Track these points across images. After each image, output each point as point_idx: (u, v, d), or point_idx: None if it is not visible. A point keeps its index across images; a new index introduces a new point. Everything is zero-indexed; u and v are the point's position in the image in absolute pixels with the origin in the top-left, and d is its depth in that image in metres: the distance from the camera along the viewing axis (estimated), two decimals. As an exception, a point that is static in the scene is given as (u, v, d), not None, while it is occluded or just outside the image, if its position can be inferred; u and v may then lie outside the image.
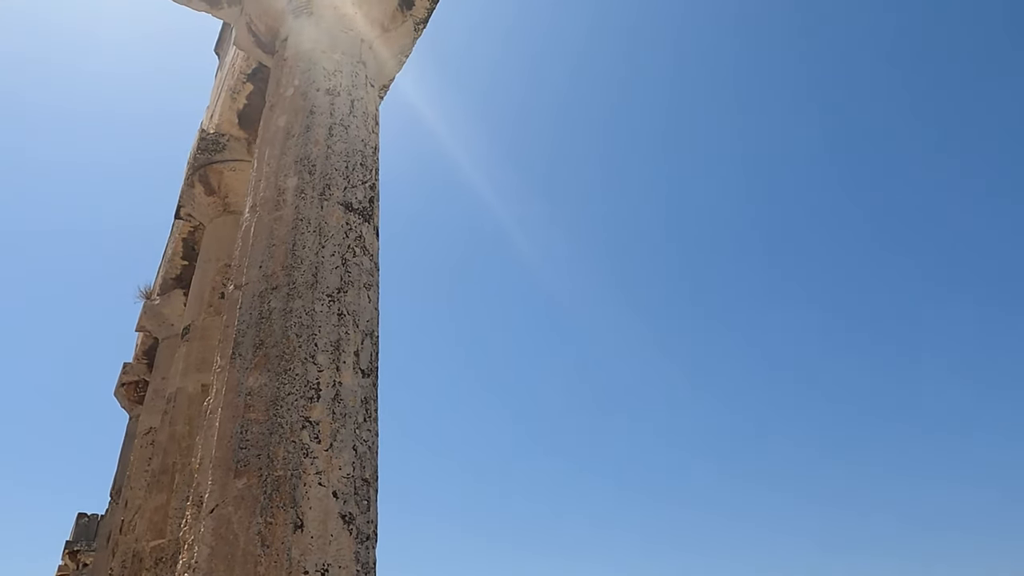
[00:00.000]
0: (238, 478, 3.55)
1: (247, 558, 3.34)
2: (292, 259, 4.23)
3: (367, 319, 4.34)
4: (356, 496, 3.72)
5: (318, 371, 3.90)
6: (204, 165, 7.28)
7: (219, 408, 3.86)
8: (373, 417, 4.12)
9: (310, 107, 4.91)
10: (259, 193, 4.64)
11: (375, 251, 4.72)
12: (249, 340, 3.99)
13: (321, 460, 3.66)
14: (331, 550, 3.46)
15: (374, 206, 4.85)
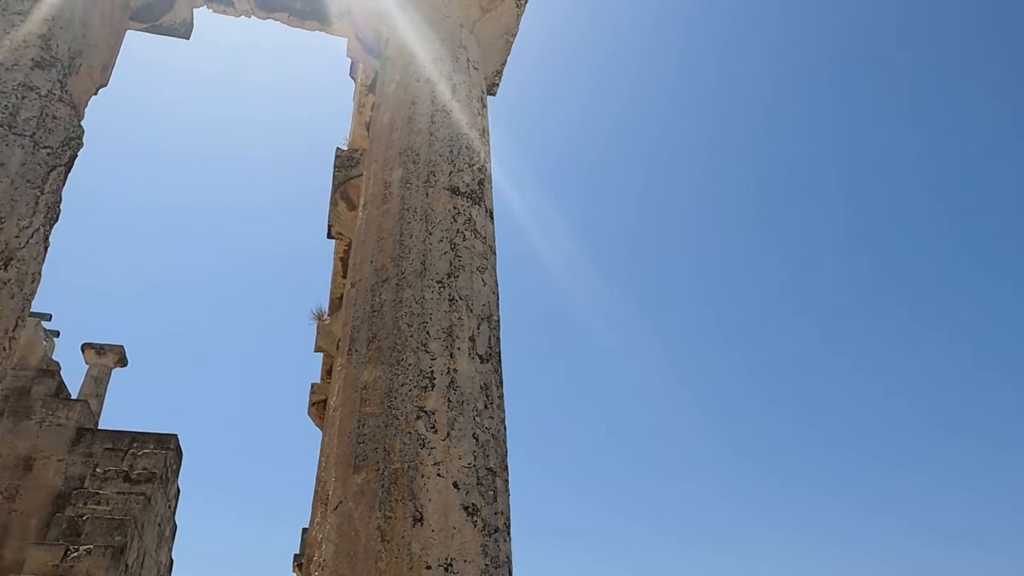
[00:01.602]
0: (357, 473, 3.46)
1: (368, 554, 3.22)
2: (400, 249, 4.13)
3: (483, 303, 4.14)
4: (480, 487, 3.50)
5: (431, 359, 3.74)
6: (343, 182, 7.53)
7: (339, 405, 3.82)
8: (496, 404, 3.89)
9: (411, 99, 4.83)
10: (368, 190, 4.61)
11: (488, 233, 4.52)
12: (363, 334, 3.93)
13: (439, 450, 3.48)
14: (454, 544, 3.26)
15: (484, 188, 4.66)
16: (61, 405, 11.12)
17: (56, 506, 9.74)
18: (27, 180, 3.93)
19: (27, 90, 4.11)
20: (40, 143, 4.06)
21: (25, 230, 3.87)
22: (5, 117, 3.96)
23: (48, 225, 4.10)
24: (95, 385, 14.90)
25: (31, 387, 11.27)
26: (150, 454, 10.54)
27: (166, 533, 11.35)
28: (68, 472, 10.34)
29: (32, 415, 10.86)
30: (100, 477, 9.88)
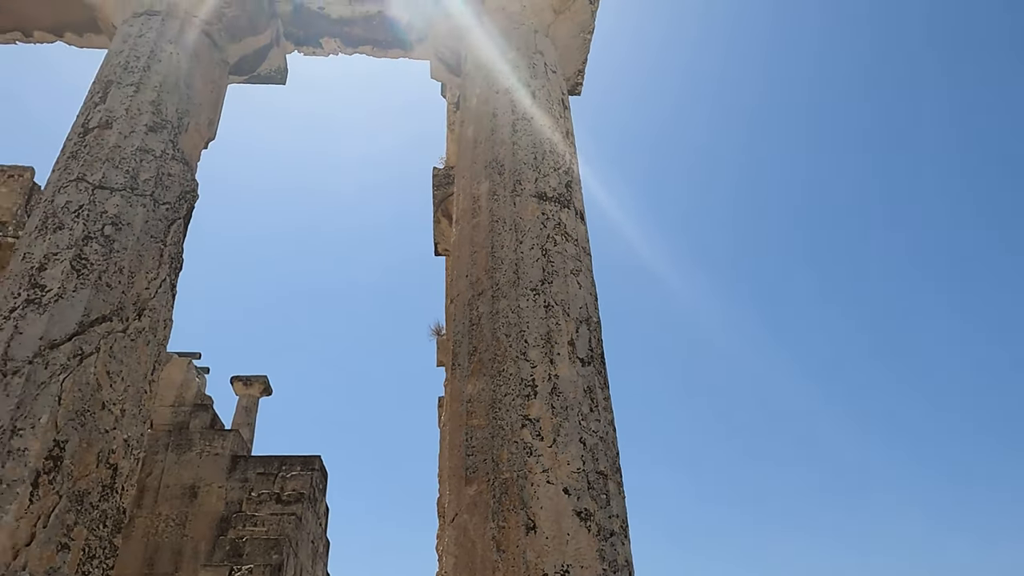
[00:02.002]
0: (468, 485, 3.53)
1: (485, 564, 3.27)
2: (493, 261, 4.18)
3: (579, 306, 4.11)
4: (591, 491, 3.48)
5: (531, 367, 3.76)
6: (442, 200, 7.73)
7: (448, 419, 3.90)
8: (602, 406, 3.85)
9: (491, 111, 4.88)
10: (459, 206, 4.70)
11: (580, 235, 4.50)
12: (464, 348, 4.00)
13: (546, 457, 3.49)
14: (569, 550, 3.25)
15: (571, 190, 4.64)
16: (216, 436, 12.00)
17: (220, 529, 10.52)
18: (151, 236, 4.28)
19: (144, 153, 4.48)
20: (159, 200, 4.42)
21: (153, 281, 4.22)
22: (128, 180, 4.34)
23: (173, 274, 4.45)
24: (245, 415, 16.01)
25: (189, 421, 12.25)
26: (297, 476, 11.19)
27: (320, 550, 11.99)
28: (228, 497, 11.15)
29: (192, 447, 11.78)
30: (255, 500, 10.59)
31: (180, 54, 5.03)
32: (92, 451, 3.54)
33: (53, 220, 4.10)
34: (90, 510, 3.44)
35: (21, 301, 3.76)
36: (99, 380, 3.70)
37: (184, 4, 5.24)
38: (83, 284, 3.85)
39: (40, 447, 3.36)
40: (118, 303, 3.95)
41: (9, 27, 5.99)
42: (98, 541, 3.44)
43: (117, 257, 4.05)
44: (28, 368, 3.54)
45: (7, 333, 3.66)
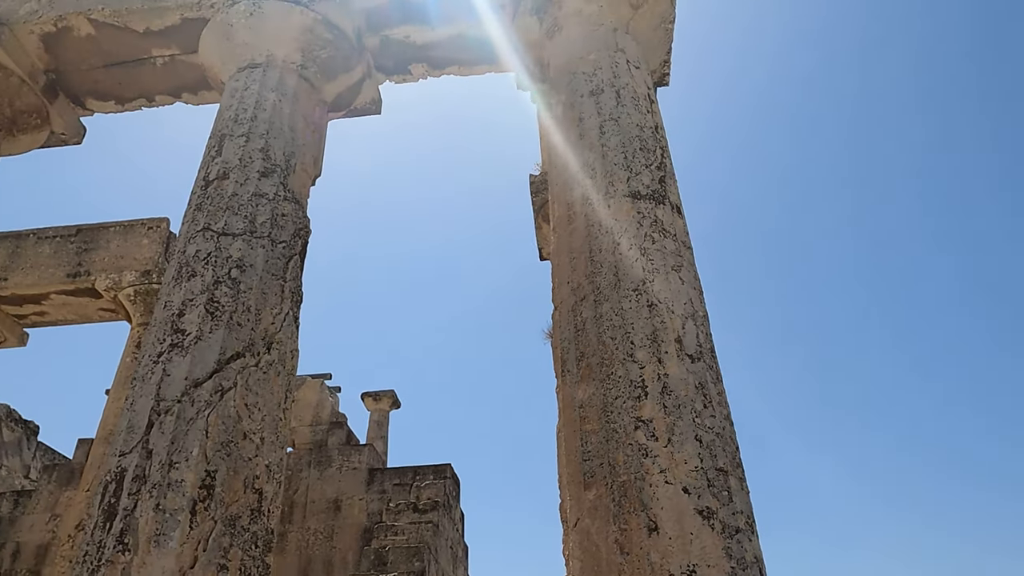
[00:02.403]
0: (588, 490, 3.58)
1: (610, 568, 3.31)
2: (591, 266, 4.22)
3: (683, 302, 4.08)
4: (712, 488, 3.44)
5: (640, 368, 3.76)
6: (541, 205, 7.81)
7: (563, 426, 3.97)
8: (716, 401, 3.80)
9: (578, 116, 4.91)
10: (555, 214, 4.77)
11: (678, 229, 4.45)
12: (572, 355, 4.05)
13: (663, 458, 3.49)
14: (694, 549, 3.24)
15: (665, 185, 4.60)
16: (353, 451, 12.62)
17: (364, 540, 11.06)
18: (272, 274, 4.60)
19: (258, 198, 4.82)
20: (276, 240, 4.74)
21: (278, 316, 4.53)
22: (247, 224, 4.69)
23: (295, 308, 4.76)
24: (378, 428, 16.73)
25: (327, 439, 12.95)
26: (431, 484, 11.59)
27: (459, 555, 12.35)
28: (368, 509, 11.70)
29: (332, 463, 12.44)
30: (393, 511, 11.06)
31: (282, 100, 5.37)
32: (239, 478, 3.85)
33: (187, 268, 4.48)
34: (242, 532, 3.74)
35: (166, 346, 4.15)
36: (239, 412, 4.02)
37: (281, 53, 5.59)
38: (217, 325, 4.20)
39: (194, 478, 3.69)
40: (249, 339, 4.27)
41: (134, 96, 6.59)
42: (252, 561, 3.74)
43: (244, 297, 4.38)
44: (177, 406, 3.90)
45: (158, 376, 4.04)
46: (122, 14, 5.97)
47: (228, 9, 5.71)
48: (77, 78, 6.45)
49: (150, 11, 5.95)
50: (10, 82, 6.13)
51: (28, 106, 6.31)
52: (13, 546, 11.97)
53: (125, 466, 3.76)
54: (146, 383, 4.04)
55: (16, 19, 6.05)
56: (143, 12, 5.96)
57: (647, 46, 5.65)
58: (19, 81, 6.17)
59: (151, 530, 3.50)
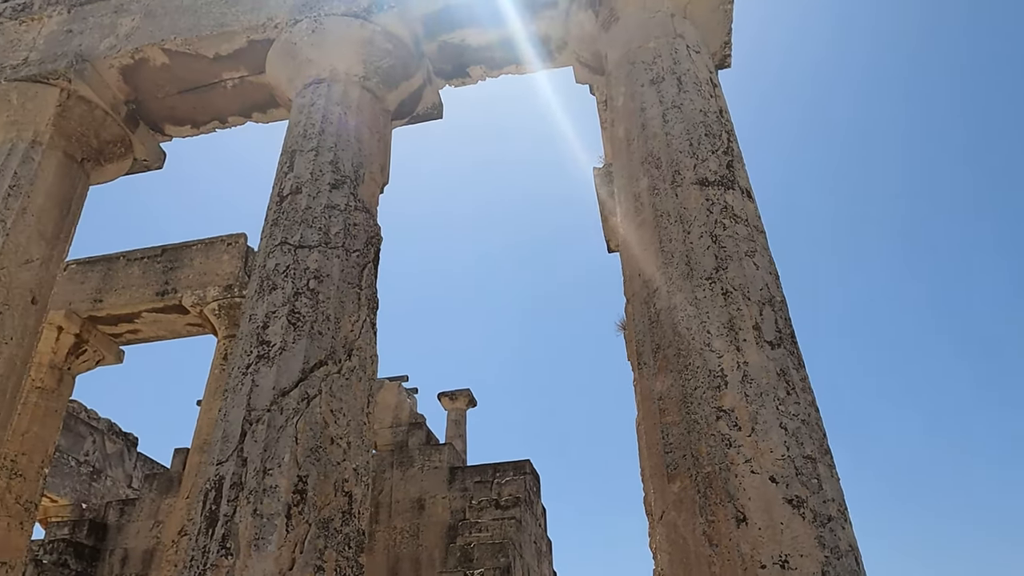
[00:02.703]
0: (671, 482, 3.55)
1: (700, 560, 3.28)
2: (662, 256, 4.18)
3: (759, 287, 4.00)
4: (800, 477, 3.37)
5: (718, 357, 3.72)
6: (607, 197, 7.76)
7: (642, 419, 3.95)
8: (800, 388, 3.72)
9: (639, 106, 4.87)
10: (621, 206, 4.74)
11: (749, 214, 4.37)
12: (647, 347, 4.03)
13: (747, 447, 3.43)
14: (785, 539, 3.18)
15: (733, 169, 4.51)
16: (433, 450, 12.83)
17: (448, 537, 11.24)
18: (348, 282, 4.73)
19: (331, 209, 4.96)
20: (350, 249, 4.87)
21: (356, 323, 4.65)
22: (321, 236, 4.83)
23: (372, 314, 4.88)
24: (455, 427, 16.97)
25: (407, 440, 13.20)
26: (511, 481, 11.68)
27: (543, 549, 12.41)
28: (451, 507, 11.88)
29: (414, 463, 12.68)
30: (476, 508, 11.20)
31: (347, 113, 5.51)
32: (329, 482, 3.98)
33: (268, 282, 4.65)
34: (335, 534, 3.87)
35: (253, 358, 4.32)
36: (325, 418, 4.15)
37: (343, 66, 5.73)
38: (299, 335, 4.35)
39: (287, 483, 3.83)
40: (330, 347, 4.41)
41: (208, 119, 6.87)
42: (346, 562, 3.86)
43: (323, 307, 4.52)
44: (267, 415, 4.06)
45: (247, 387, 4.22)
46: (193, 42, 6.23)
47: (291, 28, 5.89)
48: (155, 106, 6.76)
49: (218, 36, 6.19)
50: (95, 115, 6.47)
51: (112, 136, 6.65)
52: (121, 552, 12.66)
53: (223, 474, 3.93)
54: (237, 394, 4.21)
55: (97, 55, 6.39)
56: (212, 38, 6.20)
57: (706, 29, 5.55)
58: (103, 113, 6.51)
59: (250, 534, 3.66)
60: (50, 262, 5.94)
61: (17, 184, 5.90)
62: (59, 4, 6.95)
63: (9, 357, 5.38)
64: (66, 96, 6.31)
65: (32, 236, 5.80)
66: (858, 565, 3.27)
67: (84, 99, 6.39)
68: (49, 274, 5.94)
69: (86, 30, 6.62)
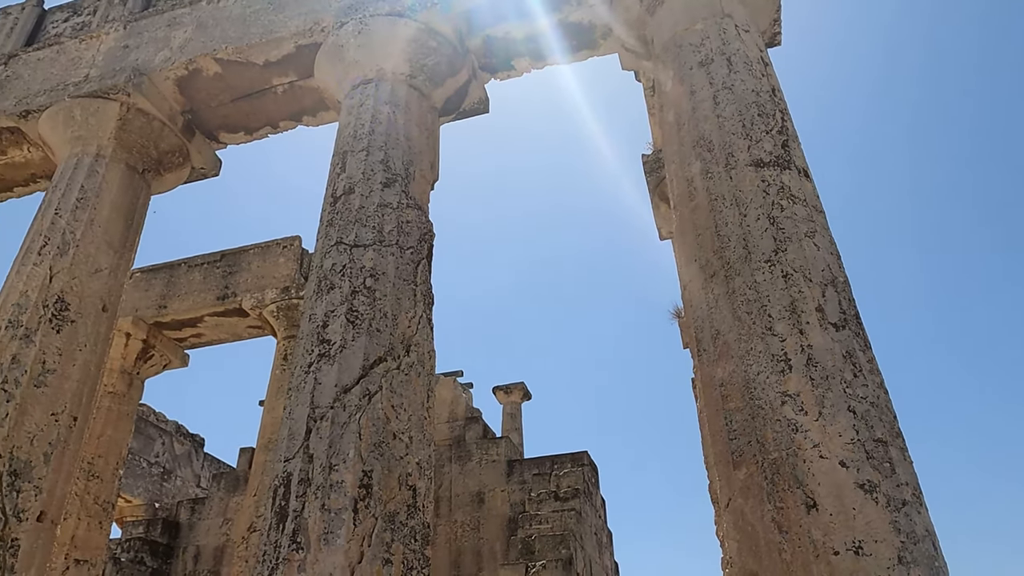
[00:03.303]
0: (737, 469, 3.50)
1: (769, 547, 3.23)
2: (719, 241, 4.11)
3: (820, 268, 3.90)
4: (872, 461, 3.29)
5: (780, 341, 3.64)
6: (657, 185, 7.67)
7: (704, 406, 3.90)
8: (867, 369, 3.62)
9: (688, 89, 4.80)
10: (674, 192, 4.68)
11: (807, 193, 4.26)
12: (706, 334, 3.97)
13: (814, 432, 3.36)
14: (857, 525, 3.11)
15: (789, 149, 4.41)
16: (490, 444, 12.91)
17: (509, 530, 11.30)
18: (403, 279, 4.79)
19: (383, 208, 5.02)
20: (404, 247, 4.92)
21: (413, 319, 4.70)
22: (375, 235, 4.89)
23: (428, 310, 4.92)
24: (511, 421, 17.02)
25: (464, 434, 13.30)
26: (569, 472, 11.67)
27: (603, 540, 12.38)
28: (511, 499, 11.94)
29: (472, 457, 12.77)
30: (535, 500, 11.23)
31: (395, 112, 5.56)
32: (393, 476, 4.04)
33: (325, 282, 4.73)
34: (401, 527, 3.92)
35: (315, 356, 4.40)
36: (387, 414, 4.21)
37: (390, 66, 5.78)
38: (358, 333, 4.41)
39: (353, 478, 3.90)
40: (388, 344, 4.46)
41: (260, 125, 7.02)
42: (412, 554, 3.92)
43: (380, 304, 4.58)
44: (331, 412, 4.14)
45: (310, 385, 4.30)
46: (243, 50, 6.37)
47: (337, 31, 5.97)
48: (209, 115, 6.94)
49: (267, 43, 6.31)
50: (153, 126, 6.67)
51: (170, 146, 6.85)
52: (194, 549, 13.09)
53: (290, 471, 4.02)
54: (301, 392, 4.30)
55: (152, 68, 6.59)
56: (261, 45, 6.33)
57: (754, 7, 5.42)
58: (161, 124, 6.71)
59: (320, 529, 3.74)
60: (118, 271, 6.16)
61: (84, 197, 6.13)
62: (115, 21, 7.19)
63: (84, 363, 5.60)
64: (126, 109, 6.52)
65: (100, 246, 6.02)
66: (936, 550, 3.17)
67: (142, 111, 6.59)
68: (117, 282, 6.15)
69: (141, 44, 6.83)
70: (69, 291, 5.69)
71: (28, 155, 7.26)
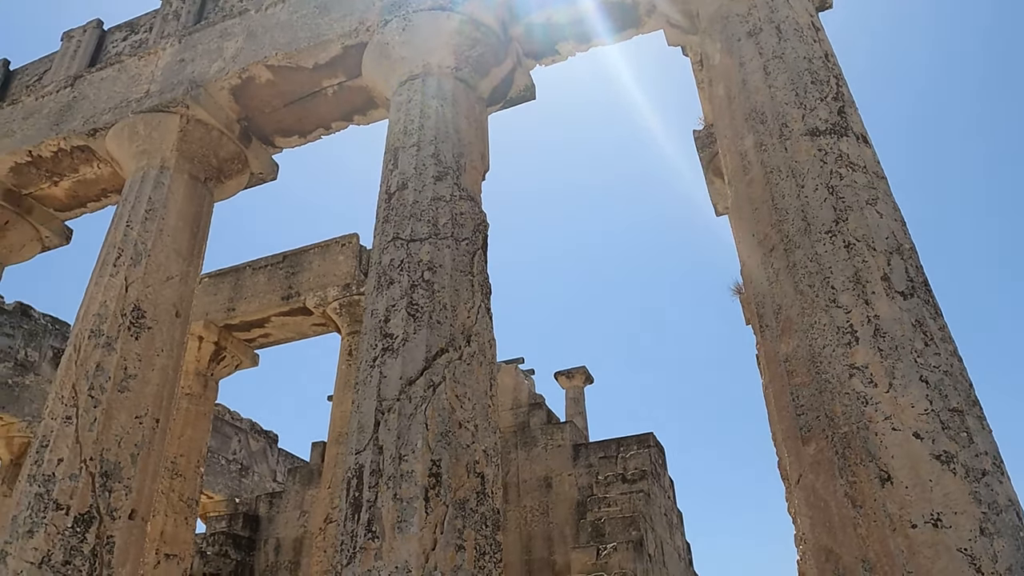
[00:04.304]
0: (806, 445, 3.45)
1: (844, 522, 3.18)
2: (776, 214, 4.04)
3: (885, 236, 3.80)
4: (947, 431, 3.20)
5: (845, 313, 3.57)
6: (710, 160, 7.55)
7: (769, 383, 3.85)
8: (939, 337, 3.52)
9: (737, 61, 4.71)
10: (728, 167, 4.61)
11: (867, 160, 4.14)
12: (768, 309, 3.92)
13: (885, 404, 3.29)
14: (935, 497, 3.04)
15: (845, 115, 4.29)
16: (555, 429, 12.97)
17: (578, 513, 11.36)
18: (460, 271, 4.85)
19: (437, 201, 5.09)
20: (459, 238, 4.98)
21: (472, 310, 4.77)
22: (430, 228, 4.97)
23: (486, 299, 4.98)
24: (574, 406, 17.05)
25: (528, 420, 13.39)
26: (636, 454, 11.65)
27: (674, 521, 12.33)
28: (578, 483, 11.99)
29: (537, 443, 12.86)
30: (603, 483, 11.25)
31: (443, 105, 5.61)
32: (461, 464, 4.12)
33: (385, 277, 4.83)
34: (471, 514, 4.00)
35: (379, 351, 4.51)
36: (451, 404, 4.29)
37: (435, 60, 5.83)
38: (420, 326, 4.50)
39: (422, 467, 4.00)
40: (449, 335, 4.54)
41: (313, 127, 7.18)
42: (484, 540, 3.99)
43: (439, 296, 4.65)
44: (397, 404, 4.24)
45: (376, 378, 4.41)
46: (292, 55, 6.52)
47: (382, 29, 6.05)
48: (263, 121, 7.13)
49: (315, 47, 6.44)
50: (212, 135, 6.90)
51: (229, 154, 7.07)
52: (274, 541, 13.56)
53: (362, 463, 4.14)
54: (367, 386, 4.42)
55: (208, 78, 6.80)
56: (309, 49, 6.46)
57: (803, -29, 5.27)
58: (219, 133, 6.93)
59: (393, 518, 3.85)
60: (188, 277, 6.40)
61: (152, 208, 6.38)
62: (171, 36, 7.43)
63: (162, 367, 5.86)
64: (185, 121, 6.76)
65: (170, 255, 6.27)
66: (1020, 520, 3.08)
67: (201, 122, 6.82)
68: (188, 288, 6.40)
69: (196, 57, 7.05)
70: (144, 299, 5.95)
71: (98, 171, 7.59)
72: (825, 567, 3.21)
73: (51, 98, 7.73)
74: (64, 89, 7.73)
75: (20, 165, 7.61)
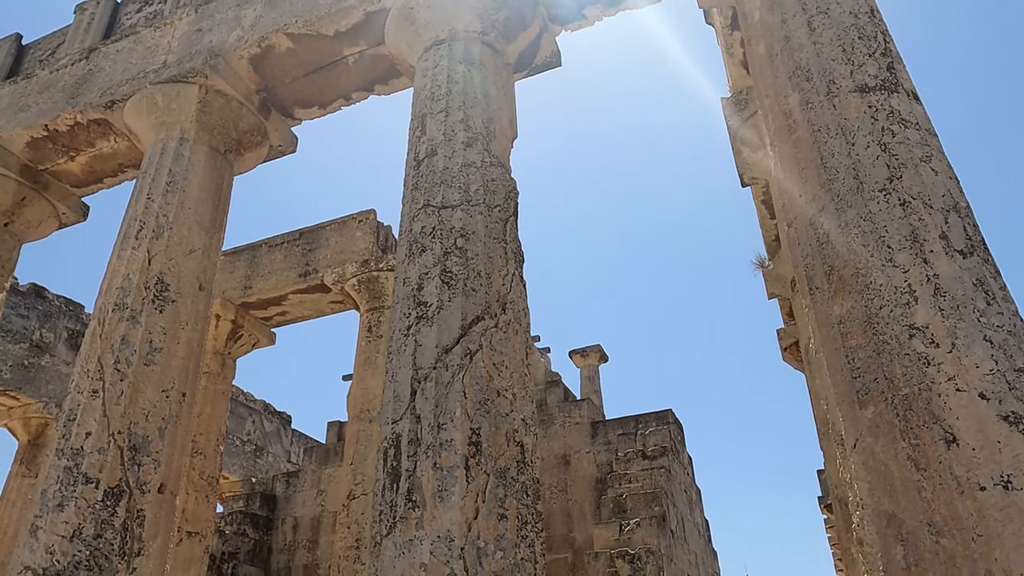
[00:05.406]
0: (864, 408, 3.34)
1: (907, 485, 3.08)
2: (826, 173, 3.90)
3: (940, 194, 3.67)
4: (1014, 391, 3.08)
5: (903, 272, 3.44)
6: (737, 128, 7.38)
7: (819, 346, 3.74)
8: (1000, 297, 3.39)
9: (780, 18, 4.55)
10: (770, 128, 4.47)
11: (918, 116, 4.00)
12: (818, 271, 3.79)
13: (948, 364, 3.17)
14: (1005, 458, 2.93)
15: (895, 71, 4.14)
16: (572, 407, 12.90)
17: (598, 490, 11.31)
18: (493, 238, 4.74)
19: (467, 167, 4.97)
20: (491, 205, 4.86)
21: (506, 277, 4.66)
22: (462, 195, 4.85)
23: (519, 267, 4.87)
24: (590, 384, 17.00)
25: (546, 398, 13.33)
26: (655, 431, 11.58)
27: (693, 497, 12.28)
28: (597, 460, 11.93)
29: (555, 420, 12.80)
30: (623, 460, 11.19)
31: (471, 70, 5.47)
32: (500, 433, 4.03)
33: (416, 245, 4.72)
34: (512, 483, 3.91)
35: (413, 319, 4.41)
36: (489, 372, 4.19)
37: (461, 24, 5.69)
38: (454, 293, 4.39)
39: (462, 436, 3.91)
40: (484, 303, 4.43)
41: (334, 98, 7.04)
42: (526, 509, 3.91)
43: (473, 263, 4.54)
44: (434, 373, 4.14)
45: (411, 347, 4.31)
46: (312, 22, 6.37)
47: (406, -7, 5.89)
48: (283, 91, 6.99)
49: (336, 13, 6.30)
50: (231, 106, 6.77)
51: (249, 125, 6.95)
52: (292, 520, 13.58)
53: (399, 432, 4.06)
54: (402, 355, 4.32)
55: (226, 48, 6.66)
56: (330, 16, 6.32)
57: (843, -74, 5.09)
58: (239, 104, 6.80)
59: (433, 487, 3.76)
60: (210, 250, 6.31)
61: (173, 180, 6.27)
62: (186, 6, 7.29)
63: (187, 341, 5.78)
64: (204, 92, 6.63)
65: (192, 227, 6.17)
66: (1092, 482, 2.96)
67: (220, 92, 6.69)
68: (210, 262, 6.31)
69: (214, 27, 6.91)
70: (167, 272, 5.86)
71: (115, 145, 7.48)
72: (887, 532, 3.11)
73: (66, 71, 7.61)
74: (79, 62, 7.60)
75: (36, 140, 7.50)
